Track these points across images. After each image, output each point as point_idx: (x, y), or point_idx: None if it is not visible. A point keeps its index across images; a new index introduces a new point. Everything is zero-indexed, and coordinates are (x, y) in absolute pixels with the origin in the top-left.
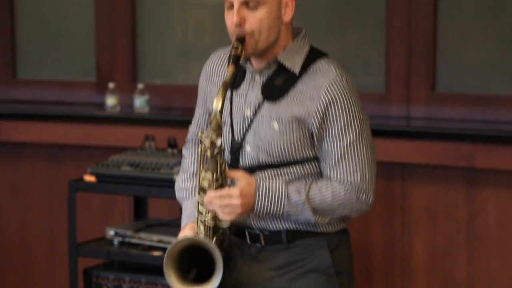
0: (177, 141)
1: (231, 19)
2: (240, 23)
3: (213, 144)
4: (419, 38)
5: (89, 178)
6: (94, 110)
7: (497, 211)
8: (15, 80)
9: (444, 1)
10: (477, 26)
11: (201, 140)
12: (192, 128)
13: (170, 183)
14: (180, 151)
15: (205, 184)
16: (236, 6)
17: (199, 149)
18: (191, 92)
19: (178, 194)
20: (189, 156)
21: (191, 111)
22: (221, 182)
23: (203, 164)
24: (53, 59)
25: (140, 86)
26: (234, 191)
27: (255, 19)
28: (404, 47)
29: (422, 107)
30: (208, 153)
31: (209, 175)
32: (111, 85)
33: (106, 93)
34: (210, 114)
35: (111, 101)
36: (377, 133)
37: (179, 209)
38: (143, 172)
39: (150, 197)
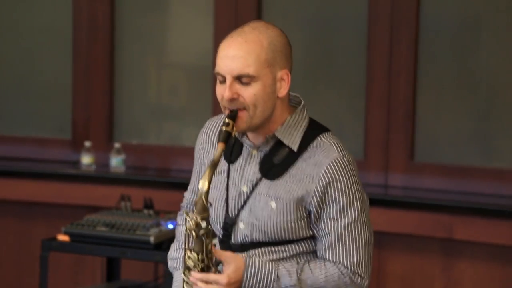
0: (153, 202)
1: (222, 92)
2: (233, 98)
3: (198, 225)
4: (398, 108)
5: (63, 237)
6: (68, 168)
7: (474, 283)
8: None
9: (424, 72)
10: (455, 98)
11: (186, 219)
12: (187, 195)
13: (146, 245)
14: (156, 212)
15: (190, 263)
16: (228, 81)
17: (184, 228)
18: (166, 152)
19: (170, 263)
20: (183, 224)
21: (167, 172)
22: (207, 262)
23: (188, 243)
24: (28, 115)
25: (116, 145)
26: (222, 279)
27: (249, 94)
28: (383, 115)
29: (400, 175)
30: (194, 234)
31: (194, 255)
32: (87, 143)
33: (81, 151)
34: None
35: (86, 159)
36: None
37: (152, 271)
38: (118, 232)
39: (125, 259)
